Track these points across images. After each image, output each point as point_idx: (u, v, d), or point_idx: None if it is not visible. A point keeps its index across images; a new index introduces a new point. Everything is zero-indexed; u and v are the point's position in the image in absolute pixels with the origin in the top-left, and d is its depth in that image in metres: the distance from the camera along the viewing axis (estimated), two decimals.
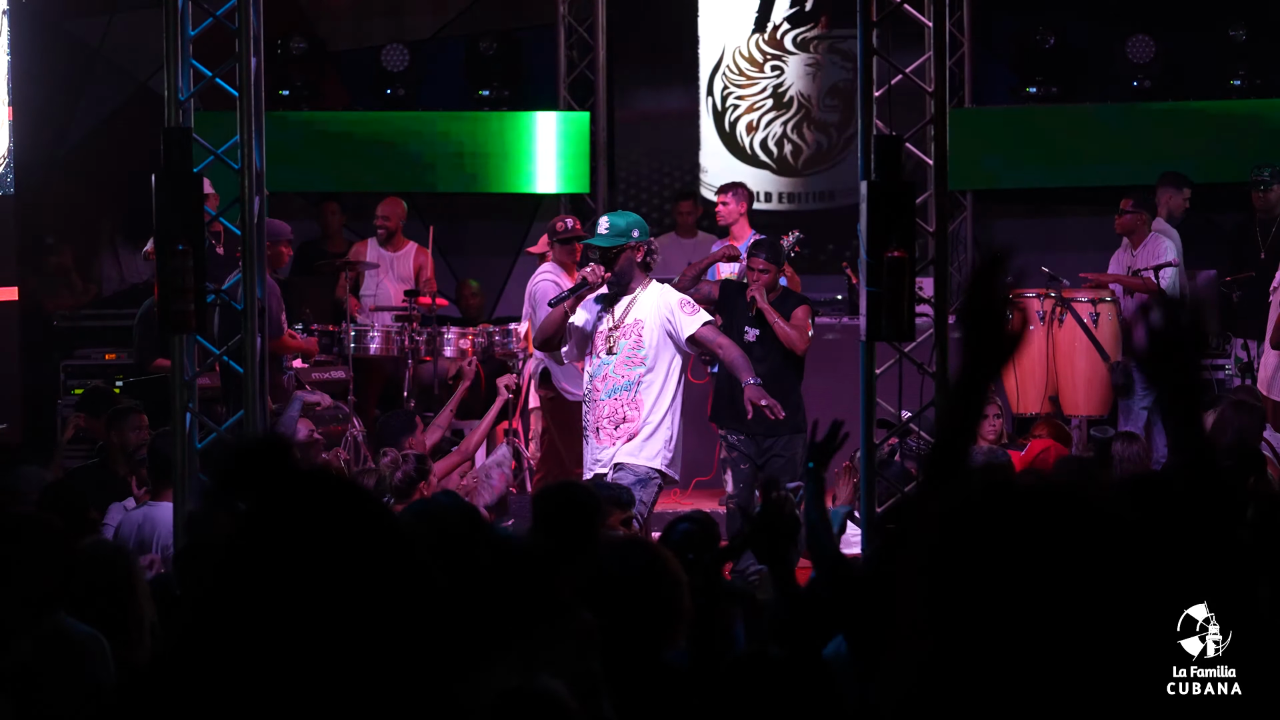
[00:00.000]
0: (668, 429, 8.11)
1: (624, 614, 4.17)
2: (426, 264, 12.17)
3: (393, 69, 13.66)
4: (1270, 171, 11.89)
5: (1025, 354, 11.38)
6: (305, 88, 13.62)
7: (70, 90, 13.59)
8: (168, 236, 7.38)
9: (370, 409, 11.70)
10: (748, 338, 9.36)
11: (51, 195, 13.45)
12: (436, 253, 12.31)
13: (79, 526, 6.10)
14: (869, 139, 7.59)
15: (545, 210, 14.09)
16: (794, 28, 13.26)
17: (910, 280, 7.40)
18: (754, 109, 13.35)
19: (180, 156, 7.46)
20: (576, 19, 13.79)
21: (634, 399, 8.16)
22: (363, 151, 13.53)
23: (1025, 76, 13.55)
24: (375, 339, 11.09)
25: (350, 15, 14.20)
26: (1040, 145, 13.30)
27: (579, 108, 13.77)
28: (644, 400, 8.16)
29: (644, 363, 8.17)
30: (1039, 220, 13.91)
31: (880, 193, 7.43)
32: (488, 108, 13.70)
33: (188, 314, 7.36)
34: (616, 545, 4.56)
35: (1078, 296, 11.43)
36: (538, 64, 13.88)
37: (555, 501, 5.19)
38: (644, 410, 8.14)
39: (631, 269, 8.16)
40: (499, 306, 13.63)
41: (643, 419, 8.13)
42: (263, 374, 7.80)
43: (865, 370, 7.78)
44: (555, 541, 4.99)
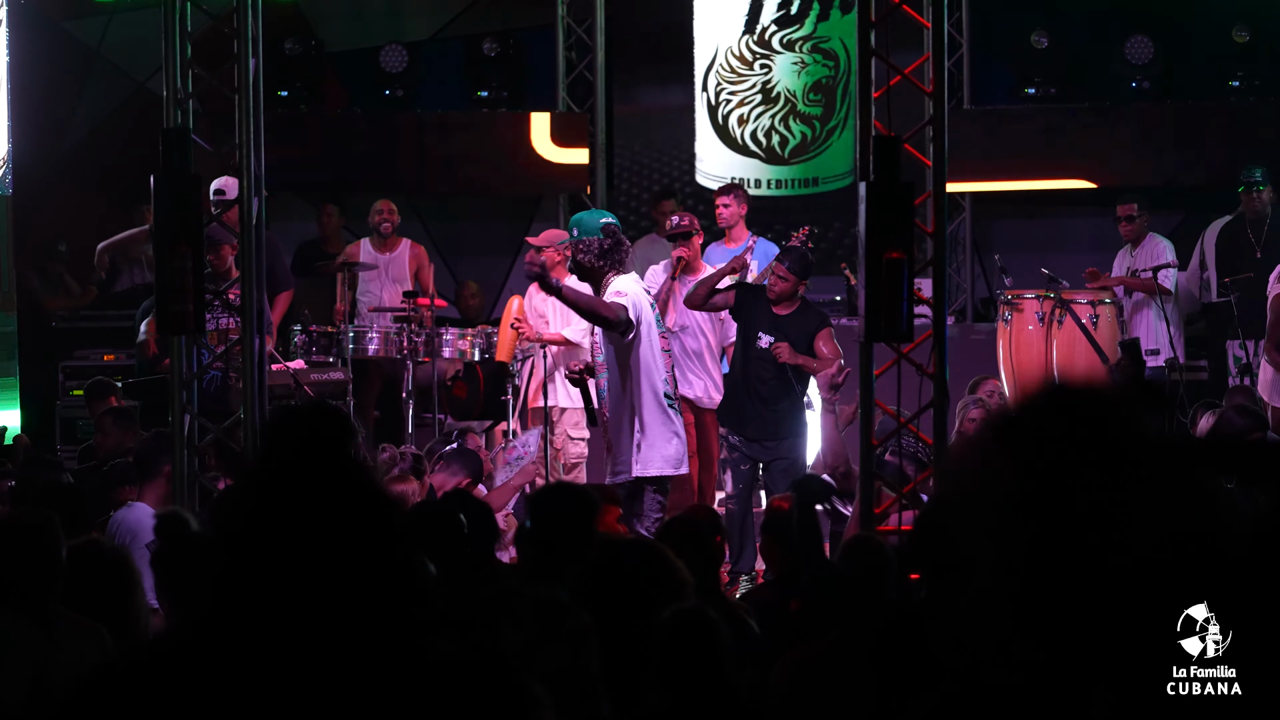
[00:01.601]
0: (634, 433, 7.90)
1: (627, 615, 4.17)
2: (425, 268, 12.15)
3: (391, 69, 13.65)
4: (1261, 173, 11.93)
5: (1024, 355, 11.39)
6: (304, 88, 13.62)
7: (70, 90, 13.59)
8: (167, 237, 7.38)
9: (369, 410, 11.70)
10: (761, 343, 9.39)
11: (51, 195, 13.44)
12: (435, 252, 12.31)
13: (77, 528, 6.09)
14: (868, 139, 7.57)
15: (545, 210, 14.10)
16: (780, 29, 13.72)
17: (909, 281, 7.39)
18: (744, 104, 13.82)
19: (180, 157, 7.47)
20: (575, 20, 13.81)
21: (609, 406, 8.09)
22: (361, 152, 13.53)
23: (1024, 77, 13.56)
24: (374, 340, 11.09)
25: (349, 16, 14.19)
26: (1040, 145, 13.31)
27: (577, 108, 13.78)
28: (609, 406, 8.05)
29: (603, 367, 8.12)
30: (1039, 220, 13.91)
31: (879, 193, 7.42)
32: (486, 108, 13.70)
33: (187, 314, 7.35)
34: (620, 545, 4.56)
35: (1077, 298, 11.43)
36: (536, 64, 13.88)
37: (550, 502, 5.18)
38: (612, 418, 8.01)
39: (580, 273, 8.12)
40: (498, 307, 13.62)
41: (613, 429, 7.99)
42: (263, 373, 7.80)
43: (863, 371, 7.77)
44: (551, 541, 4.98)
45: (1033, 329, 11.37)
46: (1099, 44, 13.50)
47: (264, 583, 2.05)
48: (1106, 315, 11.39)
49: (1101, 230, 13.07)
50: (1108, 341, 11.37)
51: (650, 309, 8.10)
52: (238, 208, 8.03)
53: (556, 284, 8.06)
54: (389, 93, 13.67)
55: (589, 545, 4.70)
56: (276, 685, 2.01)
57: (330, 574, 2.04)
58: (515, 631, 3.91)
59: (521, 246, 14.04)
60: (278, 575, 2.04)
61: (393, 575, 2.07)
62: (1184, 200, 13.26)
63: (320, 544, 2.05)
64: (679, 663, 3.89)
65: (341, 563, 2.05)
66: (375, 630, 2.04)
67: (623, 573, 4.23)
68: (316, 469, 2.10)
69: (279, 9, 12.71)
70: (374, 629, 2.04)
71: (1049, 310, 11.33)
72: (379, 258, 12.08)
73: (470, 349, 11.07)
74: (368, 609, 2.05)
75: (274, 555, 2.05)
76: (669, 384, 8.05)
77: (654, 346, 8.00)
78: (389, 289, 11.92)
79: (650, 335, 7.98)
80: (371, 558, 2.07)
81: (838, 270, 12.26)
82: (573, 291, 8.10)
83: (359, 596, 2.04)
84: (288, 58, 13.44)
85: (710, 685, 3.89)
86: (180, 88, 7.66)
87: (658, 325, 8.09)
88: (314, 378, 10.89)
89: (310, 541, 2.05)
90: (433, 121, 13.68)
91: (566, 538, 4.92)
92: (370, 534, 2.08)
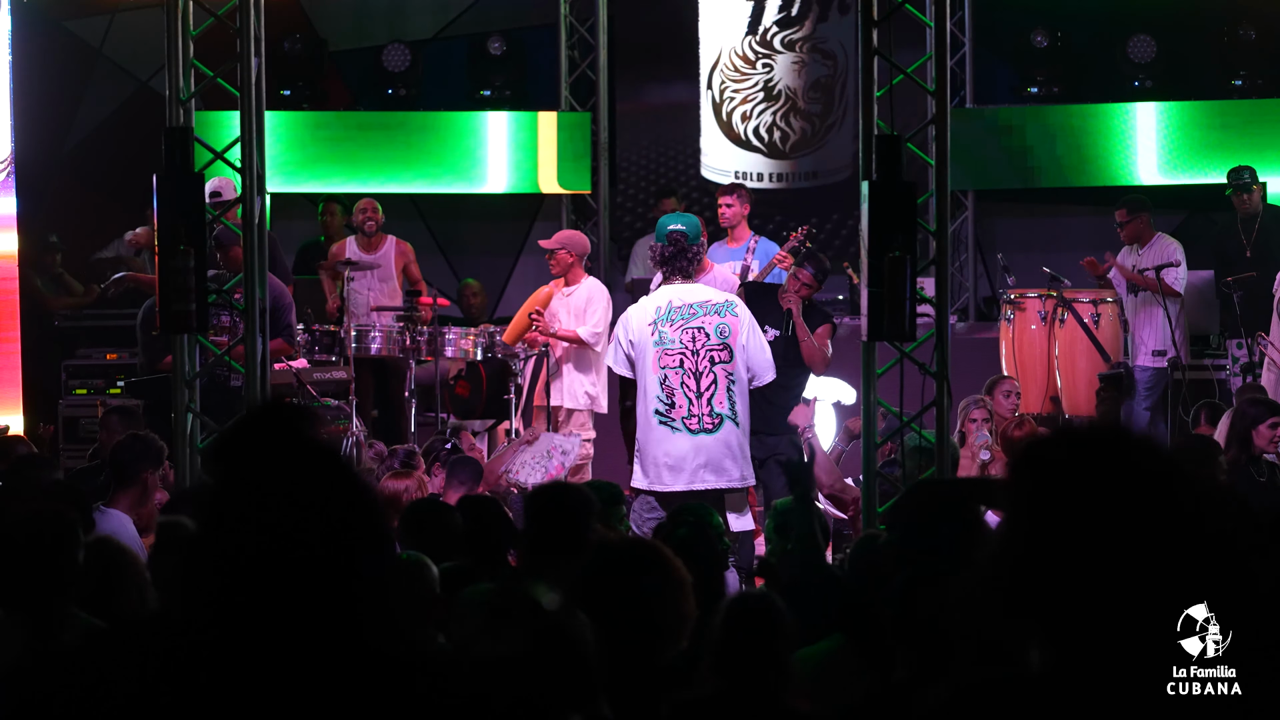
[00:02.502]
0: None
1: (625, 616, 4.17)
2: (411, 262, 12.11)
3: (394, 69, 13.65)
4: (1249, 174, 11.97)
5: (1027, 354, 11.39)
6: (306, 88, 13.62)
7: (71, 90, 13.59)
8: (169, 236, 7.38)
9: (370, 409, 11.69)
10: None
11: (52, 195, 13.44)
12: (437, 251, 12.30)
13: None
14: (869, 139, 7.56)
15: (546, 210, 14.10)
16: (781, 30, 13.92)
17: (911, 280, 7.39)
18: (747, 101, 14.05)
19: (181, 156, 7.47)
20: (578, 19, 13.82)
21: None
22: (364, 152, 13.53)
23: (1026, 76, 13.56)
24: (376, 339, 11.08)
25: (352, 15, 14.20)
26: (1041, 145, 13.32)
27: (580, 107, 13.78)
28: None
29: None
30: (1039, 220, 13.92)
31: (881, 193, 7.42)
32: (489, 107, 13.70)
33: (188, 314, 7.36)
34: (617, 546, 4.54)
35: (1079, 297, 11.43)
36: (539, 64, 13.89)
37: (546, 503, 5.17)
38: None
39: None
40: (500, 306, 13.62)
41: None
42: (264, 373, 7.80)
43: (866, 370, 7.77)
44: (547, 543, 4.97)
45: (1035, 328, 11.37)
46: (1101, 43, 13.49)
47: (229, 569, 2.05)
48: (1108, 314, 11.39)
49: (1104, 229, 13.07)
50: (1109, 340, 11.37)
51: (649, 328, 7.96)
52: (241, 207, 8.03)
53: None
54: (392, 92, 13.67)
55: (585, 546, 4.69)
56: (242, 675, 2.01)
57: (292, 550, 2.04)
58: (511, 632, 3.91)
59: (524, 246, 14.07)
60: (243, 561, 2.05)
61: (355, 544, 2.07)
62: (1185, 200, 13.25)
63: (284, 517, 2.05)
64: (738, 648, 3.92)
65: (306, 537, 2.05)
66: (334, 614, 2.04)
67: (618, 572, 4.22)
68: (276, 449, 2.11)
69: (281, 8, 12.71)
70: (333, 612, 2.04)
71: (1051, 309, 11.32)
72: (364, 257, 12.05)
73: (473, 348, 11.06)
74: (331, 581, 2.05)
75: (237, 536, 2.06)
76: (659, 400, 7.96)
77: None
78: (376, 287, 11.89)
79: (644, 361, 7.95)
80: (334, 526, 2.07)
81: (840, 269, 12.27)
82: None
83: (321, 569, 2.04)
84: (290, 57, 13.44)
85: (767, 671, 3.92)
86: (183, 87, 7.66)
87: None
88: (316, 376, 10.90)
89: (273, 515, 2.05)
90: (435, 121, 13.68)
91: (563, 538, 4.92)
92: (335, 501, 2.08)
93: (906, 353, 7.73)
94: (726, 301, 8.02)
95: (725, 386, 7.82)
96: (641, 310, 8.01)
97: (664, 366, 7.82)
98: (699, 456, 7.78)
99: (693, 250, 8.01)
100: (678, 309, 7.89)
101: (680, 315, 7.88)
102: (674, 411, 7.81)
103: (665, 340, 7.85)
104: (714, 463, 7.78)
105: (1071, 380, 11.37)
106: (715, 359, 7.83)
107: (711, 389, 7.81)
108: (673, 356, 7.84)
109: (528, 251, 14.05)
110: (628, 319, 7.99)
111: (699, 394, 7.81)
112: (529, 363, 10.68)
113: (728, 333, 7.86)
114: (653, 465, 7.83)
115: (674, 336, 7.84)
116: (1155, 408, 11.59)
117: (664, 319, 7.88)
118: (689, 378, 7.81)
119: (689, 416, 7.80)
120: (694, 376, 7.81)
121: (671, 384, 7.82)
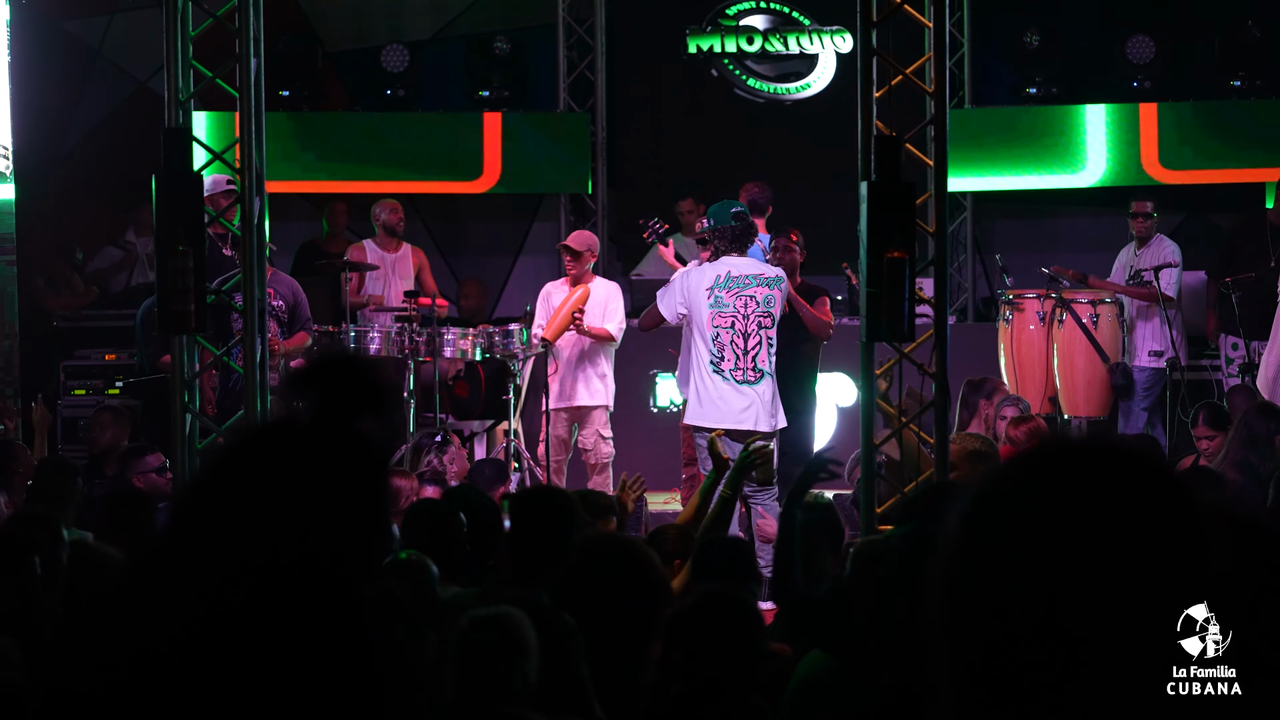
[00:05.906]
0: None
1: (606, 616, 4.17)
2: (425, 269, 12.14)
3: (393, 69, 13.65)
4: None
5: (1025, 354, 11.40)
6: (305, 88, 13.61)
7: (70, 90, 13.59)
8: (168, 237, 7.39)
9: None
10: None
11: (52, 195, 13.44)
12: (436, 252, 12.30)
13: None
14: (869, 139, 7.58)
15: (545, 210, 14.10)
16: None
17: (910, 281, 7.40)
18: None
19: (180, 157, 7.47)
20: (576, 19, 13.81)
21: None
22: (363, 152, 13.53)
23: (1025, 77, 13.55)
24: (375, 339, 11.08)
25: (350, 15, 14.20)
26: (1041, 145, 13.31)
27: (578, 108, 13.79)
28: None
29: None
30: (1039, 220, 13.92)
31: (880, 193, 7.43)
32: (488, 108, 13.69)
33: (188, 314, 7.36)
34: (596, 545, 4.53)
35: (1078, 297, 11.44)
36: (538, 64, 13.89)
37: (530, 505, 5.16)
38: None
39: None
40: (499, 307, 13.62)
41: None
42: (263, 373, 7.81)
43: (865, 371, 7.78)
44: (531, 544, 4.96)
45: (1034, 329, 11.38)
46: (1100, 44, 13.49)
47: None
48: (1107, 315, 11.40)
49: (1102, 230, 13.07)
50: (1108, 341, 11.38)
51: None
52: (240, 207, 8.03)
53: None
54: (390, 92, 13.66)
55: (568, 549, 4.67)
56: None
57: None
58: None
59: (523, 246, 14.08)
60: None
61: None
62: (1185, 201, 13.25)
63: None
64: (708, 645, 3.90)
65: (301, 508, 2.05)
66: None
67: (600, 572, 4.22)
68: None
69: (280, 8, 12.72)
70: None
71: (1050, 310, 11.33)
72: (386, 257, 12.04)
73: (471, 348, 11.06)
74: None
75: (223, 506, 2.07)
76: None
77: None
78: (395, 286, 11.88)
79: None
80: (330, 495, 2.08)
81: (839, 270, 12.27)
82: None
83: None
84: (289, 57, 13.43)
85: (737, 668, 3.90)
86: (181, 87, 7.67)
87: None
88: None
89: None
90: (433, 121, 13.68)
91: (546, 540, 4.90)
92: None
93: (905, 354, 7.75)
94: (776, 276, 9.22)
95: (766, 348, 9.06)
96: (701, 275, 9.17)
97: (716, 325, 9.04)
98: (744, 401, 9.01)
99: (753, 230, 9.39)
100: (735, 279, 9.07)
101: (737, 284, 9.07)
102: (724, 364, 9.03)
103: (721, 304, 9.04)
104: (756, 409, 9.03)
105: (1070, 381, 11.38)
106: (761, 324, 9.06)
107: (757, 348, 9.04)
108: (726, 318, 9.04)
109: (526, 251, 14.06)
110: (688, 278, 9.27)
111: (745, 351, 9.04)
112: (528, 363, 10.68)
113: (773, 303, 9.09)
114: (711, 406, 9.01)
115: (729, 301, 9.04)
116: (1153, 408, 11.60)
117: (721, 286, 9.05)
118: (738, 337, 9.04)
119: (736, 369, 9.03)
120: (743, 337, 9.04)
121: (722, 340, 9.02)
